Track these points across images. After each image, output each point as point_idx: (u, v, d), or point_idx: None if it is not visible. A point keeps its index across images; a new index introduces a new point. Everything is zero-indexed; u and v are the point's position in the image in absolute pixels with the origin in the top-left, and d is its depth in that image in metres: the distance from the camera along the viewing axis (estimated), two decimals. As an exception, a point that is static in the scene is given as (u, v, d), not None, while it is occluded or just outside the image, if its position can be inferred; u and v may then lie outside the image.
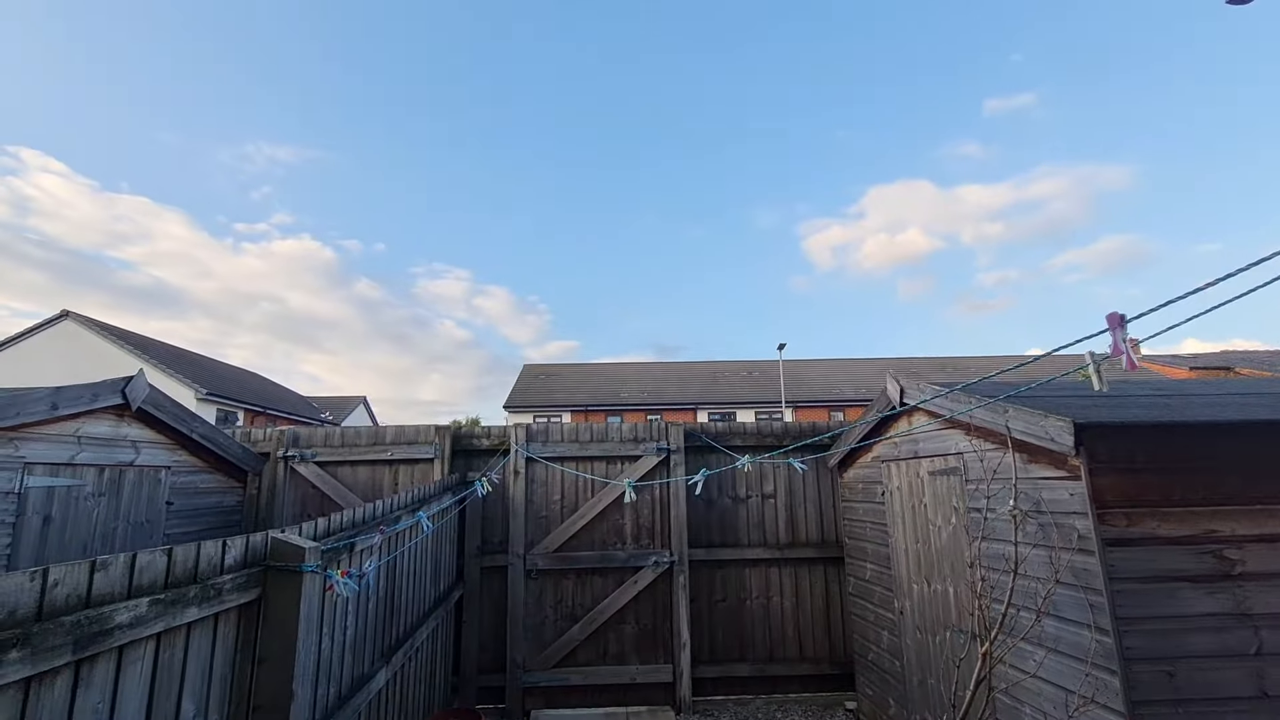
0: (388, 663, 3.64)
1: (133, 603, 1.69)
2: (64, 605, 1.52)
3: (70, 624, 1.50)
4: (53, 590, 1.50)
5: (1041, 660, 3.00)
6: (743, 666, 5.86)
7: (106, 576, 1.65)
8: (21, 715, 1.41)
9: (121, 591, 1.69)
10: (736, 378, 32.33)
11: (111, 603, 1.64)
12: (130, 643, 1.71)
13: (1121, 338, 1.49)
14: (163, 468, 4.38)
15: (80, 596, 1.57)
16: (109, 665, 1.65)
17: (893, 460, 4.67)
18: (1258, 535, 2.71)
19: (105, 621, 1.60)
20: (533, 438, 5.97)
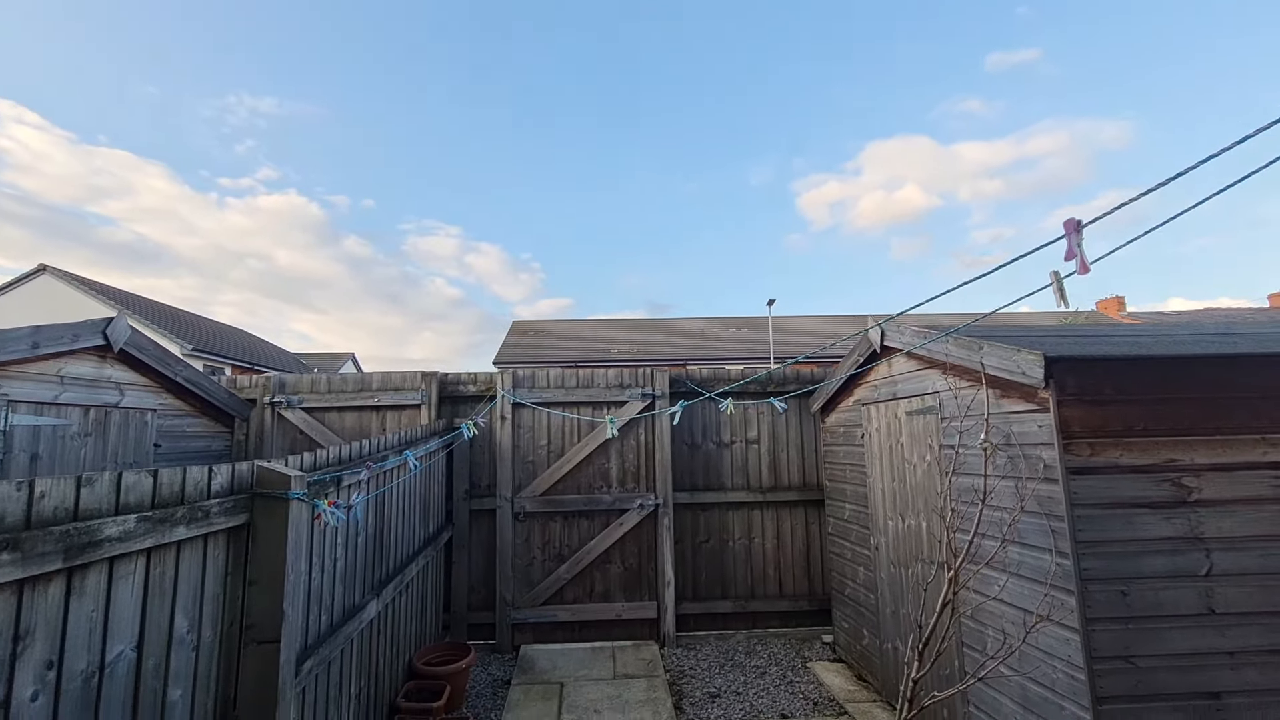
0: (378, 596, 3.75)
1: (121, 518, 1.73)
2: (52, 516, 1.56)
3: (59, 533, 1.54)
4: (40, 501, 1.53)
5: (1004, 584, 3.15)
6: (725, 603, 6.09)
7: (93, 492, 1.68)
8: (17, 617, 1.47)
9: (109, 507, 1.73)
10: (725, 334, 32.43)
11: (99, 517, 1.68)
12: (120, 555, 1.75)
13: (1076, 243, 1.53)
14: (149, 410, 4.39)
15: (68, 509, 1.61)
16: (101, 576, 1.70)
17: (872, 403, 4.76)
18: (1215, 464, 2.82)
19: (94, 533, 1.64)
20: (519, 384, 6.02)
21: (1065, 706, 2.80)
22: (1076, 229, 1.53)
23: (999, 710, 3.27)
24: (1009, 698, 3.18)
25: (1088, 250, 1.76)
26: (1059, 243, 1.94)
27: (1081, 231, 1.52)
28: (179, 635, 2.01)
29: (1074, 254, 1.52)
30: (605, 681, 5.05)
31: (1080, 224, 1.52)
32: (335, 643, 3.07)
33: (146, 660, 1.87)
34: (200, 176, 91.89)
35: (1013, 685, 3.13)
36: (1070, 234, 1.53)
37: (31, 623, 1.50)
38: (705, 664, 5.39)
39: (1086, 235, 1.52)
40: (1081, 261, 1.52)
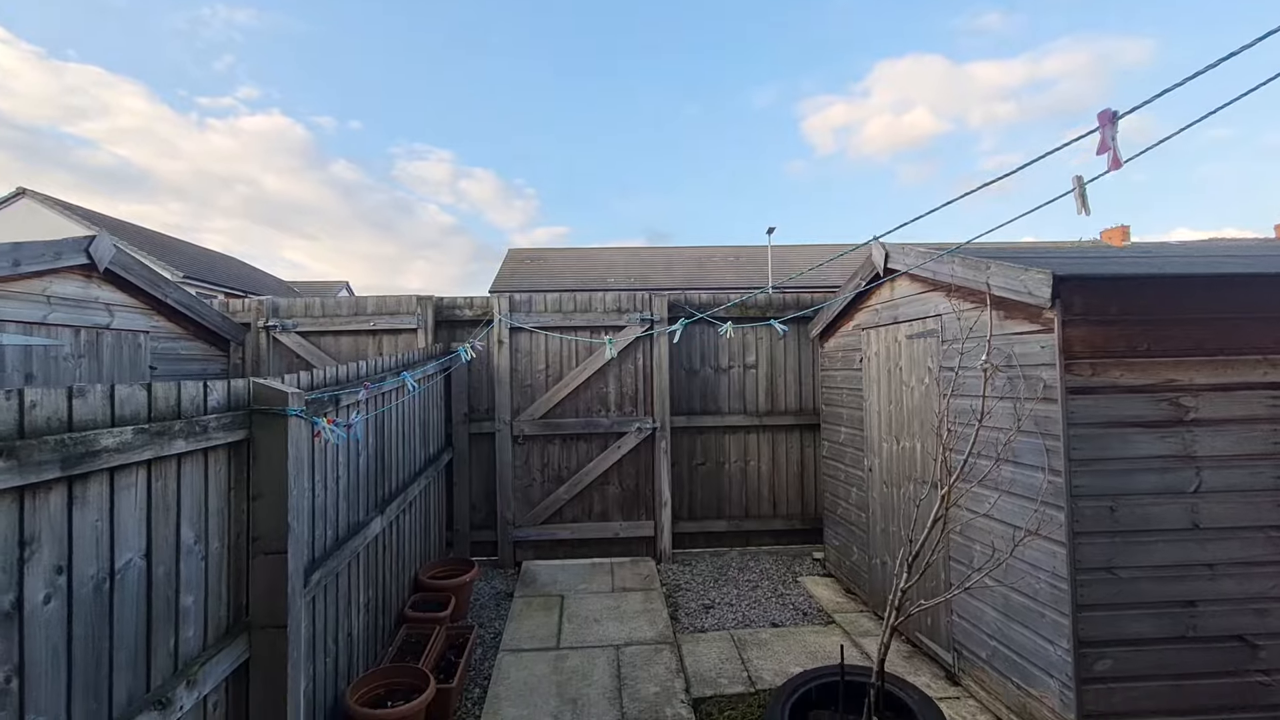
0: (382, 513, 3.83)
1: (117, 430, 1.72)
2: (45, 426, 1.54)
3: (55, 442, 1.53)
4: (31, 410, 1.50)
5: (995, 501, 3.22)
6: (719, 523, 6.28)
7: (86, 404, 1.66)
8: (20, 523, 1.47)
9: (104, 419, 1.71)
10: (724, 262, 32.05)
11: (95, 428, 1.66)
12: (120, 467, 1.75)
13: (1111, 135, 1.44)
14: (141, 332, 4.33)
15: (61, 420, 1.59)
16: (102, 487, 1.70)
17: (872, 327, 4.73)
18: (1214, 384, 2.82)
19: (90, 444, 1.62)
20: (516, 308, 5.95)
21: (1045, 614, 2.92)
22: (1111, 120, 1.44)
23: (981, 618, 3.42)
24: (991, 607, 3.32)
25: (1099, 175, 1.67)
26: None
27: (1116, 124, 1.43)
28: (186, 546, 2.04)
29: (1107, 147, 1.44)
30: (604, 594, 5.27)
31: (1115, 115, 1.43)
32: (342, 556, 3.16)
33: (156, 569, 1.91)
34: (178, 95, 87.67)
35: (996, 595, 3.27)
36: (1104, 126, 1.44)
37: (36, 529, 1.50)
38: (700, 578, 5.61)
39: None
40: (1114, 156, 1.44)
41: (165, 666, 1.93)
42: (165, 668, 1.93)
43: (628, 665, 4.09)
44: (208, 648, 2.13)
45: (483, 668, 4.11)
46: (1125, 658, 2.78)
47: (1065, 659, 2.80)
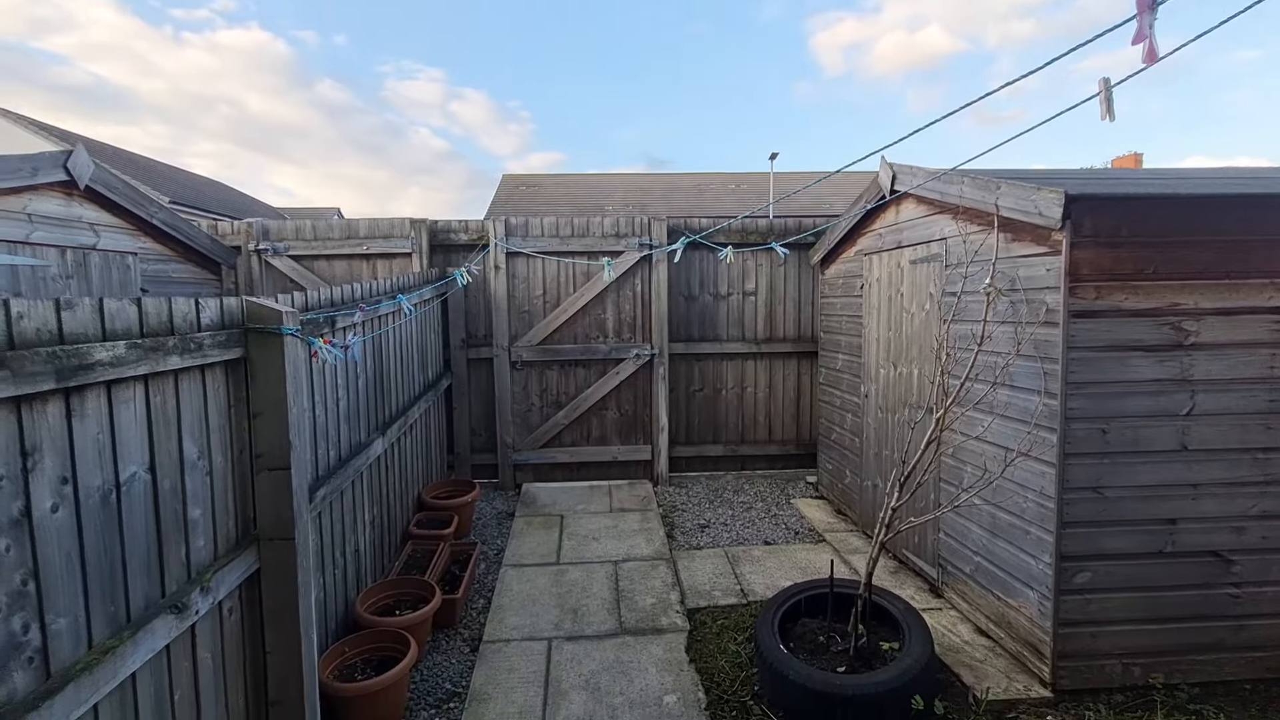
0: (383, 434, 3.88)
1: (109, 344, 1.69)
2: (35, 338, 1.51)
3: (47, 354, 1.50)
4: (19, 322, 1.47)
5: (988, 425, 3.27)
6: (716, 448, 6.40)
7: (75, 317, 1.62)
8: (20, 433, 1.47)
9: (95, 333, 1.68)
10: (724, 190, 31.25)
11: (86, 342, 1.64)
12: (116, 381, 1.74)
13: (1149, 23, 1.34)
14: (129, 254, 4.24)
15: (51, 332, 1.56)
16: (100, 400, 1.70)
17: (875, 253, 4.65)
18: (1218, 309, 2.80)
19: (84, 356, 1.60)
20: (512, 232, 5.83)
21: (1030, 531, 3.02)
22: (1150, 7, 1.33)
23: (967, 536, 3.54)
24: (978, 525, 3.43)
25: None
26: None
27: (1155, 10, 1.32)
28: (190, 461, 2.06)
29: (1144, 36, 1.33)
30: (603, 514, 5.44)
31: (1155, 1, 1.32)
32: (345, 475, 3.22)
33: (162, 482, 1.93)
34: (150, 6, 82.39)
35: (983, 514, 3.37)
36: (1142, 13, 1.34)
37: (36, 440, 1.50)
38: (696, 500, 5.77)
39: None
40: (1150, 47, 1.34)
41: (179, 574, 1.99)
42: (179, 575, 1.99)
43: (625, 579, 4.26)
44: (219, 558, 2.19)
45: (486, 581, 4.28)
46: (1104, 571, 2.89)
47: (1047, 572, 2.91)
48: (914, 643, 2.89)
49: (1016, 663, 3.17)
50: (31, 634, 1.45)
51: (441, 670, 3.32)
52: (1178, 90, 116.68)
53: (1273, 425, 2.87)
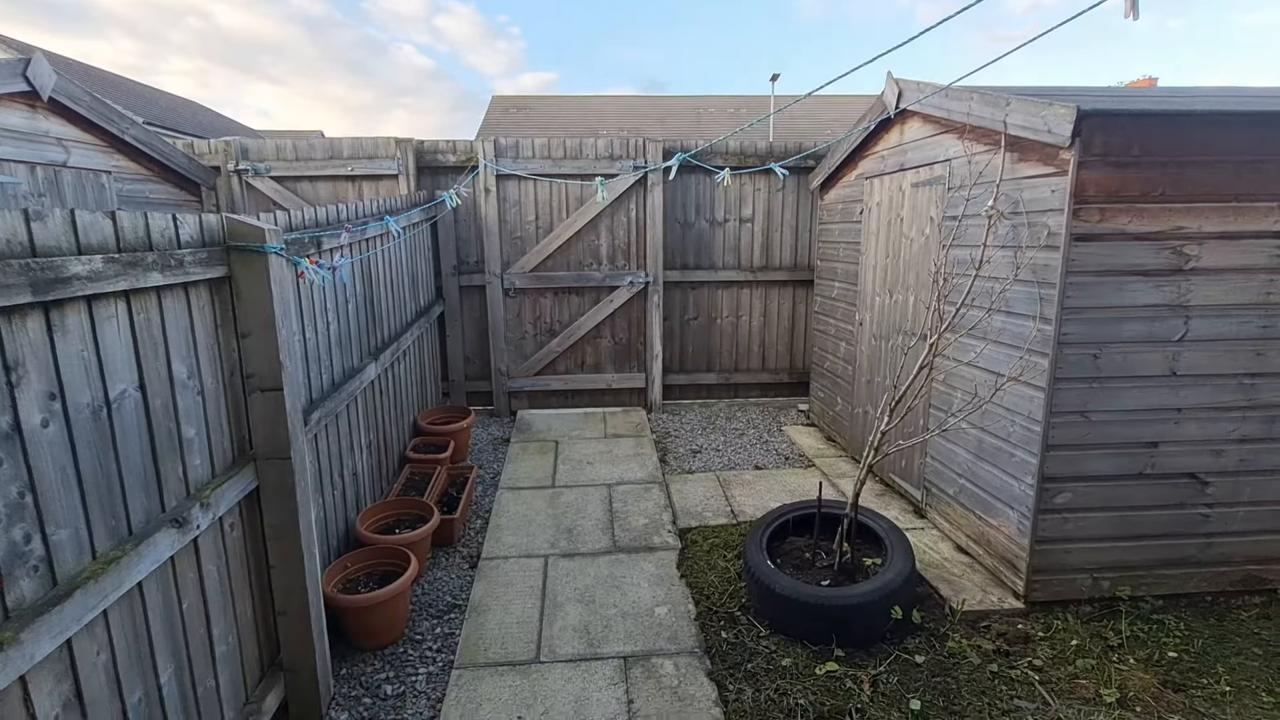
0: (376, 360, 3.87)
1: (85, 258, 1.63)
2: (6, 249, 1.45)
3: (20, 266, 1.45)
4: (-14, 232, 1.41)
5: (981, 350, 3.27)
6: (709, 376, 6.45)
7: (46, 229, 1.56)
8: (1, 348, 1.44)
9: (69, 247, 1.62)
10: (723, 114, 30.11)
11: (60, 255, 1.58)
12: (96, 296, 1.69)
13: None
14: (102, 172, 4.08)
15: (23, 244, 1.50)
16: (81, 316, 1.66)
17: (876, 176, 4.53)
18: (1221, 232, 2.75)
19: (59, 270, 1.55)
20: (502, 153, 5.62)
21: (1015, 454, 3.09)
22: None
23: (953, 459, 3.63)
24: (964, 449, 3.50)
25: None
26: None
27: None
28: (180, 380, 2.04)
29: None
30: (597, 440, 5.53)
31: None
32: (339, 398, 3.22)
33: (153, 400, 1.92)
34: (102, -99, 75.92)
35: (970, 438, 3.43)
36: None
37: (18, 354, 1.48)
38: (689, 427, 5.86)
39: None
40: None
41: (177, 490, 2.01)
42: (177, 491, 2.02)
43: (619, 501, 4.38)
44: (216, 476, 2.22)
45: (483, 503, 4.39)
46: (1083, 492, 2.98)
47: (1028, 493, 3.00)
48: (896, 558, 3.01)
49: (993, 578, 3.31)
50: (34, 544, 1.48)
51: (442, 585, 3.45)
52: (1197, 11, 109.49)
53: (1263, 351, 2.89)
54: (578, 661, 2.84)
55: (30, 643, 1.38)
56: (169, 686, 1.93)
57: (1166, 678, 2.65)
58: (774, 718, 2.49)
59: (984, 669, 2.72)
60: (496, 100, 31.94)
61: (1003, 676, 2.68)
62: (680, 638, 3.00)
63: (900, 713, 2.50)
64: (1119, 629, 2.92)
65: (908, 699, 2.56)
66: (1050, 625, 2.98)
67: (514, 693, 2.65)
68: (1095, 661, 2.73)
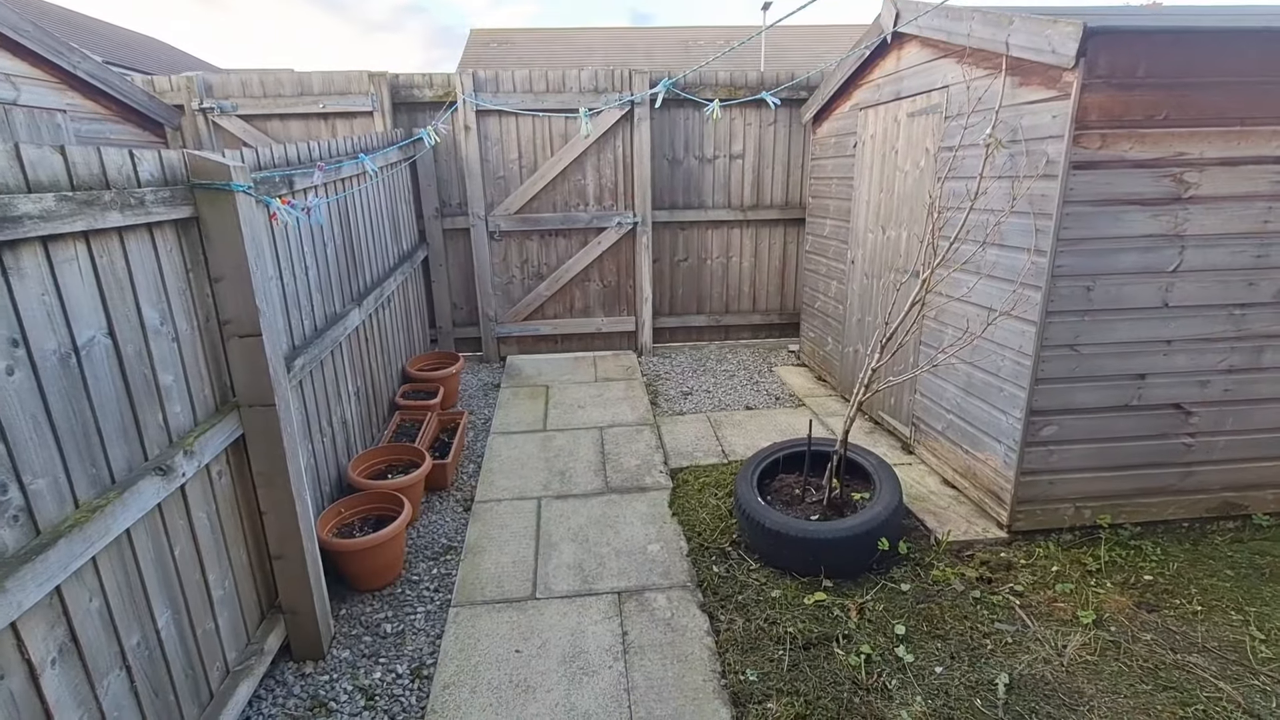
0: (359, 305, 3.78)
1: (36, 195, 1.54)
2: (-54, 187, 1.36)
3: (-38, 205, 1.36)
4: (-79, 167, 1.31)
5: (973, 286, 3.24)
6: (700, 318, 6.40)
7: (-12, 164, 1.46)
8: (-49, 292, 1.37)
9: (16, 184, 1.52)
10: (713, 47, 28.93)
11: (8, 192, 1.49)
12: (52, 237, 1.60)
13: None
14: (57, 110, 3.86)
15: (-37, 181, 1.40)
16: (37, 259, 1.57)
17: (871, 106, 4.36)
18: (1223, 158, 2.68)
19: (7, 208, 1.45)
20: (481, 87, 5.36)
21: (1004, 388, 3.10)
22: None
23: (942, 395, 3.64)
24: (954, 385, 3.51)
25: None
26: None
27: None
28: (152, 326, 1.97)
29: None
30: (588, 384, 5.52)
31: None
32: (323, 344, 3.16)
33: (125, 347, 1.86)
34: None
35: (959, 373, 3.44)
36: None
37: (-28, 300, 1.40)
38: (679, 369, 5.86)
39: None
40: None
41: (159, 439, 1.98)
42: (159, 440, 1.98)
43: (611, 443, 4.40)
44: (199, 423, 2.18)
45: (475, 448, 4.40)
46: (1069, 424, 3.01)
47: (1015, 426, 3.03)
48: (884, 492, 3.06)
49: (978, 509, 3.38)
50: (11, 493, 1.44)
51: (437, 528, 3.49)
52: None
53: (1255, 281, 2.87)
54: (573, 597, 2.90)
55: (16, 590, 1.37)
56: (167, 630, 1.95)
57: (1141, 599, 2.74)
58: (764, 645, 2.57)
59: (967, 595, 2.81)
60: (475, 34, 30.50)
61: (984, 601, 2.77)
62: (672, 573, 3.06)
63: (885, 637, 2.59)
64: (1098, 555, 3.01)
65: (893, 624, 2.64)
66: (1032, 553, 3.07)
67: (511, 628, 2.71)
68: (1074, 586, 2.82)
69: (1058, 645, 2.52)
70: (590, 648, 2.60)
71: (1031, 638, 2.56)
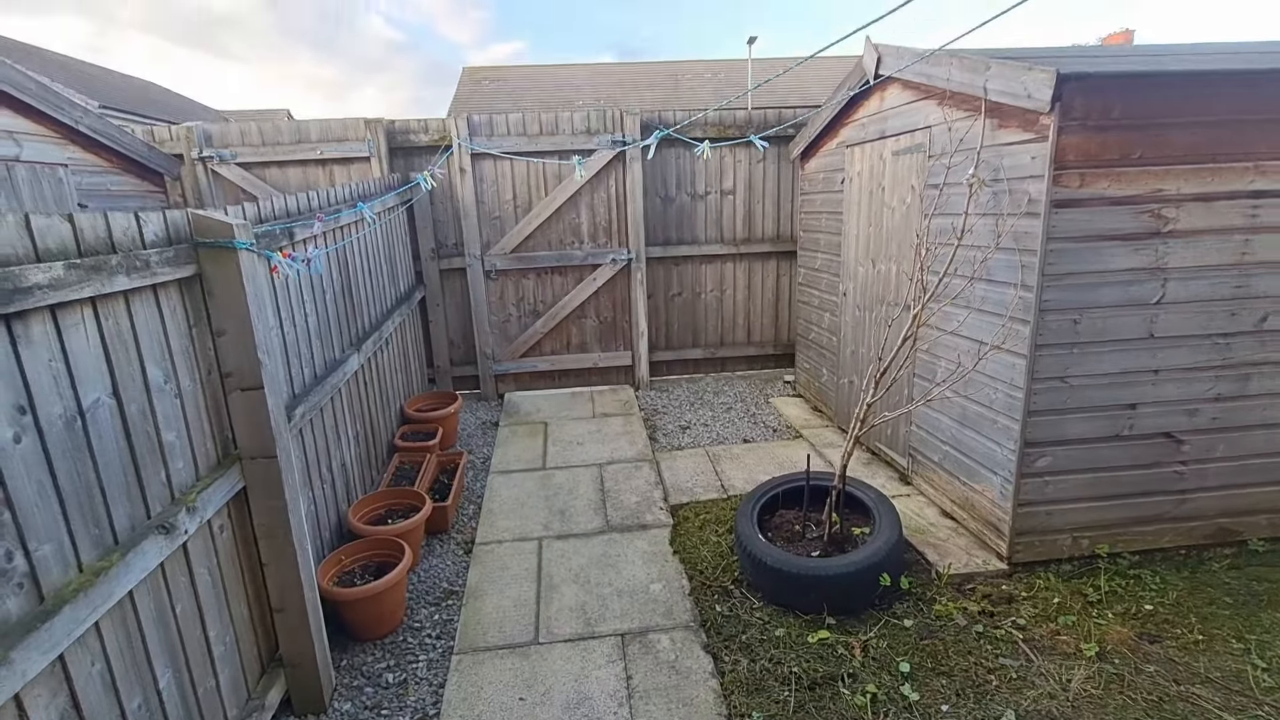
0: (358, 350, 3.81)
1: (45, 265, 1.58)
2: (-40, 262, 1.40)
3: (-24, 279, 1.40)
4: (-63, 244, 1.35)
5: (964, 319, 3.30)
6: (695, 351, 6.45)
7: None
8: (-37, 364, 1.39)
9: (26, 254, 1.56)
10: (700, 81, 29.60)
11: (18, 264, 1.52)
12: (60, 304, 1.64)
13: None
14: (59, 165, 3.93)
15: (-23, 254, 1.44)
16: (46, 325, 1.61)
17: (857, 144, 4.49)
18: (1199, 194, 2.77)
19: (18, 280, 1.49)
20: (476, 131, 5.48)
21: (998, 420, 3.13)
22: None
23: (937, 427, 3.68)
24: (948, 417, 3.55)
25: None
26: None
27: None
28: (156, 384, 2.00)
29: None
30: (586, 420, 5.53)
31: None
32: (323, 391, 3.18)
33: (128, 406, 1.88)
34: None
35: (954, 405, 3.48)
36: None
37: (-18, 370, 1.43)
38: (677, 403, 5.88)
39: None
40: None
41: (161, 496, 1.99)
42: (162, 497, 1.99)
43: (610, 480, 4.40)
44: (201, 478, 2.19)
45: (475, 488, 4.40)
46: (1064, 455, 3.04)
47: (1010, 457, 3.06)
48: (884, 527, 3.07)
49: (977, 540, 3.39)
50: (16, 561, 1.45)
51: (438, 572, 3.47)
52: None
53: (1236, 311, 2.94)
54: (576, 641, 2.88)
55: (21, 661, 1.37)
56: (169, 690, 1.93)
57: (1143, 630, 2.74)
58: (769, 686, 2.56)
59: (970, 630, 2.80)
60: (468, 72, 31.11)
61: (988, 636, 2.76)
62: (675, 613, 3.05)
63: (890, 675, 2.57)
64: (1098, 585, 3.01)
65: (897, 661, 2.63)
66: (1033, 585, 3.07)
67: (515, 675, 2.69)
68: (1076, 618, 2.82)
69: (1062, 680, 2.51)
70: (594, 693, 2.57)
71: (1036, 672, 2.56)
